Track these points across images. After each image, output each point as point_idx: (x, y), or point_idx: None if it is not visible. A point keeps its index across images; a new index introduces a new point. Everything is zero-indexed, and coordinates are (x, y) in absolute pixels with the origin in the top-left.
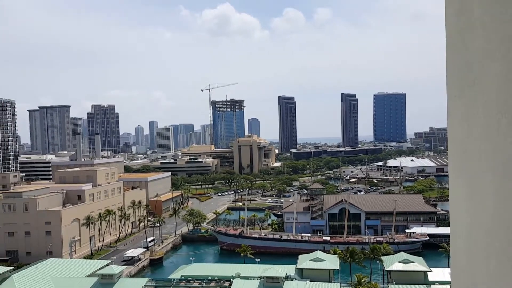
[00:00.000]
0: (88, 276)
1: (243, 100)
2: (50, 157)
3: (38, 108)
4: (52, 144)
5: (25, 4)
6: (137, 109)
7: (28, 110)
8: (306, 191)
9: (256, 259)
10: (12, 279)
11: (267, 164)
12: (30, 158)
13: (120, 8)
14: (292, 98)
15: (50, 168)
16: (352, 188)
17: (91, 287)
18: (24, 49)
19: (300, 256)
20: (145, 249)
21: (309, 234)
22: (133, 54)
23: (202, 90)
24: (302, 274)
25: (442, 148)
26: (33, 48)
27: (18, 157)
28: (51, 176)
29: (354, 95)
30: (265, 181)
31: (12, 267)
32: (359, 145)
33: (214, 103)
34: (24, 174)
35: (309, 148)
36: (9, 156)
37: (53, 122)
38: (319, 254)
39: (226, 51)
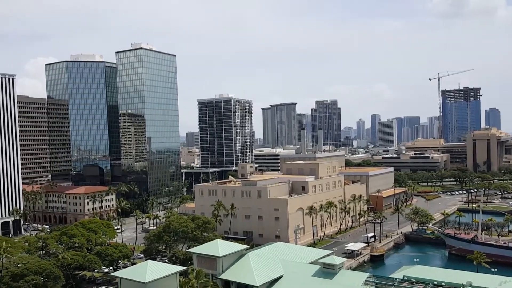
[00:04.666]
0: (311, 263)
1: (479, 88)
2: (279, 150)
3: (270, 106)
4: (280, 138)
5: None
6: (359, 103)
7: (262, 109)
8: None
9: (492, 269)
10: (248, 256)
11: (509, 161)
12: (263, 151)
13: (343, 5)
14: None
15: (279, 160)
16: None
17: (314, 274)
18: (259, 54)
19: None
20: (365, 244)
21: None
22: (355, 48)
23: (430, 80)
24: None
25: None
26: (266, 53)
27: (253, 150)
28: (279, 168)
29: None
30: (506, 181)
31: (248, 246)
32: None
33: (444, 93)
34: (257, 165)
35: None
36: (247, 149)
37: (281, 119)
38: None
39: (460, 34)
